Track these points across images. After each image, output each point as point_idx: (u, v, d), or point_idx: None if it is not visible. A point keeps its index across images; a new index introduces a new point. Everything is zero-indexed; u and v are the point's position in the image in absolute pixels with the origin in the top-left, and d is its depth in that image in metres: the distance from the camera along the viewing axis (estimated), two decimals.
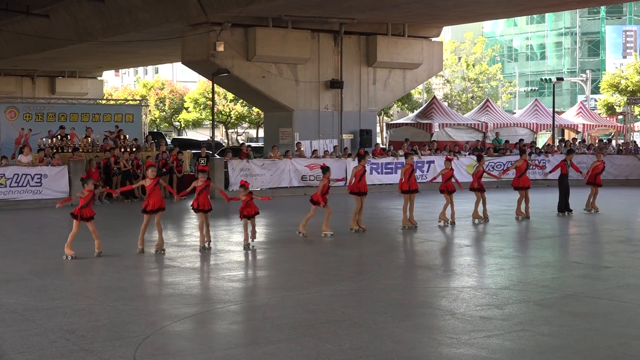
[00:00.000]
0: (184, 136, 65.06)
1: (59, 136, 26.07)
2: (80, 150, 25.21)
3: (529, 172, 19.82)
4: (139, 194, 24.13)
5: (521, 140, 33.56)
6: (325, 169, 15.97)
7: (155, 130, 57.72)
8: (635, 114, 40.78)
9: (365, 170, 17.12)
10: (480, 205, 18.12)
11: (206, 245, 14.19)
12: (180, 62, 32.65)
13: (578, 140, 35.75)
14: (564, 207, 19.24)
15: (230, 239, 16.15)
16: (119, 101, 39.75)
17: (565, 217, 19.02)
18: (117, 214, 20.54)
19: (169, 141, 43.42)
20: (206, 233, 14.20)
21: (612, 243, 15.53)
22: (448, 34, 62.54)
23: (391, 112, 57.72)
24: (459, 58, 57.80)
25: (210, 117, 39.35)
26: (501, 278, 11.59)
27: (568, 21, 73.18)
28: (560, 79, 44.38)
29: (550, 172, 22.12)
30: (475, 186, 18.15)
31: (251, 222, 14.61)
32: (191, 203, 14.29)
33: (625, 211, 21.46)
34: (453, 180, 17.77)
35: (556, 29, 74.64)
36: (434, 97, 41.84)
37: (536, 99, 42.36)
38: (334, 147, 29.52)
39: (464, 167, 28.20)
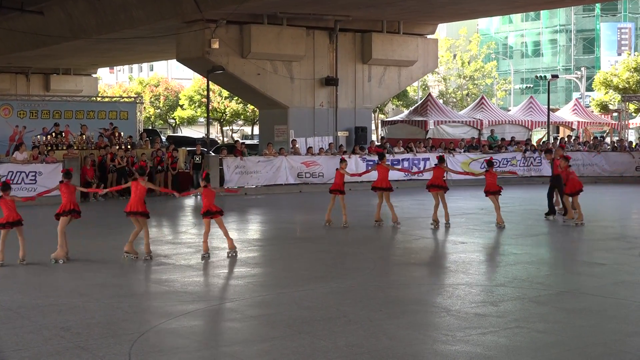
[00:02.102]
0: (179, 133, 65.01)
1: (53, 133, 26.06)
2: (75, 147, 25.19)
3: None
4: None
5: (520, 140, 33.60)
6: (490, 163, 15.97)
7: (150, 127, 57.66)
8: (630, 111, 40.84)
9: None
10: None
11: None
12: (175, 60, 32.61)
13: (572, 137, 35.81)
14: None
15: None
16: (114, 98, 39.72)
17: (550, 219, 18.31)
18: (111, 211, 20.50)
19: (163, 138, 43.43)
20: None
21: (606, 240, 15.56)
22: (443, 32, 62.54)
23: (386, 110, 57.75)
24: (454, 55, 57.86)
25: (205, 115, 39.36)
26: (496, 275, 11.61)
27: (563, 18, 73.29)
28: (555, 77, 44.46)
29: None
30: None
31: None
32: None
33: (619, 208, 21.52)
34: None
35: (551, 26, 74.72)
36: (429, 94, 41.87)
37: (531, 96, 42.44)
38: (329, 144, 29.51)
39: (458, 164, 28.24)
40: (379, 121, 49.75)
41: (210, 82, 31.54)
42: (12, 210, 12.54)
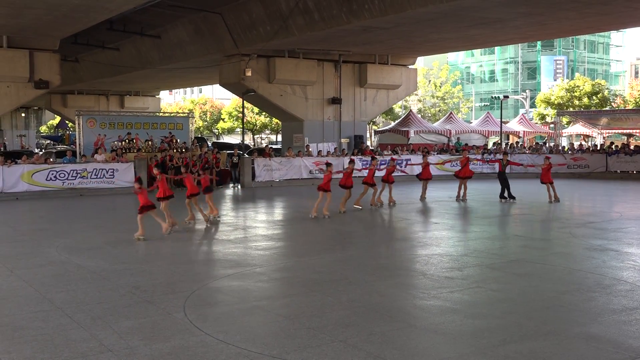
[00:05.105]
0: (221, 140, 65.14)
1: (126, 140, 26.11)
2: (143, 150, 25.27)
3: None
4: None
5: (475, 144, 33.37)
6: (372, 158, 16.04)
7: (199, 135, 57.81)
8: (563, 123, 40.62)
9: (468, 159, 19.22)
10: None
11: (211, 218, 14.29)
12: (218, 84, 32.68)
13: (519, 143, 35.65)
14: (501, 195, 19.00)
15: (256, 218, 16.15)
16: (172, 114, 39.73)
17: (505, 203, 18.59)
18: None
19: (210, 144, 43.43)
20: (199, 211, 14.12)
21: (545, 221, 15.50)
22: (421, 62, 62.33)
23: (378, 122, 57.64)
24: (429, 81, 57.67)
25: (241, 126, 39.31)
26: (461, 247, 11.58)
27: (512, 52, 73.13)
28: (506, 97, 44.19)
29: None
30: (369, 181, 17.17)
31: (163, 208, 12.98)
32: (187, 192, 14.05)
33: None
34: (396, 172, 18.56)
35: (503, 59, 74.56)
36: (410, 110, 41.75)
37: (488, 112, 42.24)
38: (335, 148, 29.50)
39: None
40: (372, 131, 49.63)
41: (244, 101, 31.54)
42: (147, 198, 12.36)
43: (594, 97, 47.56)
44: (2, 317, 7.21)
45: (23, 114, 60.33)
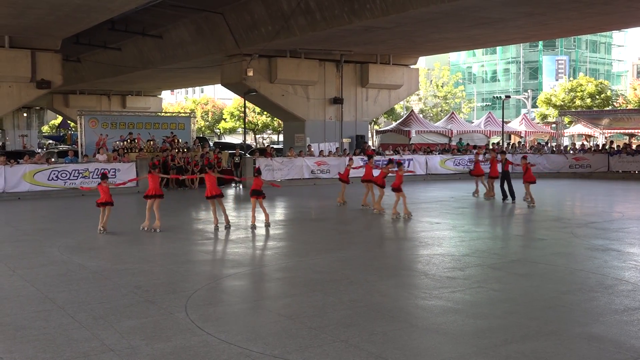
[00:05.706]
0: (223, 140, 65.17)
1: (128, 140, 26.12)
2: (145, 150, 25.28)
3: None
4: (189, 184, 24.19)
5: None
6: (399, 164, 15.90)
7: (201, 135, 57.81)
8: (564, 122, 40.58)
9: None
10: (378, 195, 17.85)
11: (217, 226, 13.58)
12: (219, 84, 32.67)
13: (521, 143, 35.61)
14: (503, 195, 18.96)
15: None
16: (174, 113, 39.75)
17: (507, 203, 18.58)
18: (172, 198, 20.53)
19: (211, 144, 43.42)
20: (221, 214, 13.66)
21: (546, 221, 15.47)
22: (423, 62, 62.29)
23: (379, 122, 57.62)
24: (431, 81, 57.66)
25: (243, 126, 39.33)
26: (463, 247, 11.57)
27: (514, 52, 73.08)
28: (508, 97, 44.22)
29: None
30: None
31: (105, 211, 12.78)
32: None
33: (556, 196, 21.36)
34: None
35: (505, 58, 74.51)
36: (412, 110, 41.73)
37: (489, 112, 42.23)
38: (336, 148, 29.49)
39: (437, 162, 28.16)
40: (374, 131, 49.62)
41: (246, 101, 31.53)
42: (107, 194, 12.83)
43: (597, 97, 47.51)
44: (4, 316, 7.22)
45: (25, 114, 60.42)
